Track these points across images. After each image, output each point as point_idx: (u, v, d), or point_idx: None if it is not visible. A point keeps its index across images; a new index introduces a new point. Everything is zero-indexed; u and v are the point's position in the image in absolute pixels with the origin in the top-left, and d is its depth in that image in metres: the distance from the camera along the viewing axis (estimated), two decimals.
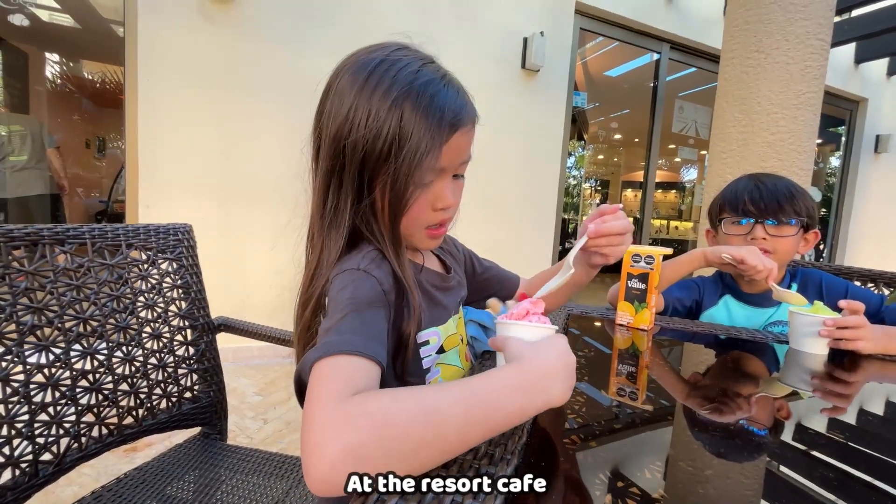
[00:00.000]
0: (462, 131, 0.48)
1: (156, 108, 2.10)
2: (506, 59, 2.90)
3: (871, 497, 0.37)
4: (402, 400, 0.32)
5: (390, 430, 0.30)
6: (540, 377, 0.36)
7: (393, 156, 0.44)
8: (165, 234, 0.87)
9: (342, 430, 0.29)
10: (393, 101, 0.44)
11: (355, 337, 0.39)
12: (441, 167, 0.48)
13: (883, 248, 5.06)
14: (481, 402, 0.33)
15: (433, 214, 0.50)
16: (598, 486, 0.36)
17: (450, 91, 0.47)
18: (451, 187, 0.50)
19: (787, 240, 0.89)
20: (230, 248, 2.32)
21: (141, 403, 0.78)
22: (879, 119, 4.71)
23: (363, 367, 0.37)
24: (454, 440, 0.32)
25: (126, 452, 1.47)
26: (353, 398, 0.32)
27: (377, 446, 0.29)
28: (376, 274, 0.45)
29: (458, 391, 0.33)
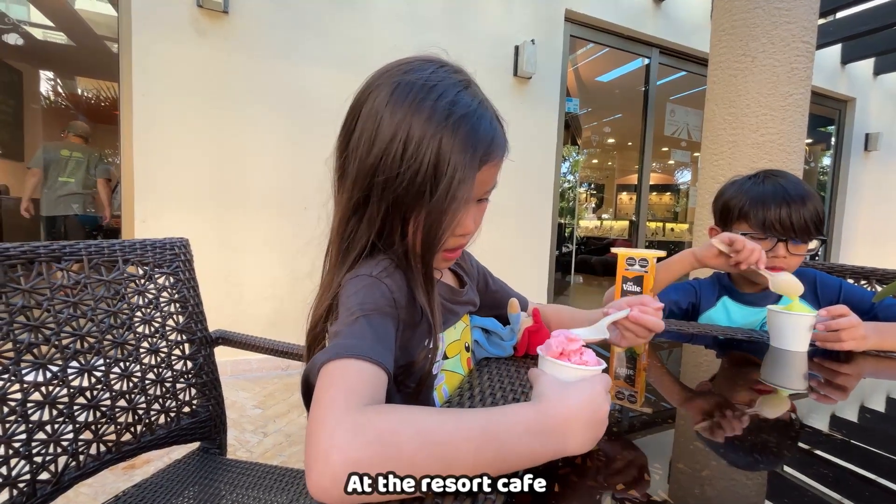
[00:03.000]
0: (492, 164, 0.48)
1: (151, 123, 2.11)
2: (498, 67, 2.94)
3: (866, 492, 0.37)
4: (412, 424, 0.31)
5: (397, 454, 0.29)
6: (559, 423, 0.34)
7: (428, 193, 0.43)
8: (162, 249, 0.87)
9: (349, 444, 0.29)
10: (431, 135, 0.43)
11: (364, 342, 0.38)
12: (472, 197, 0.48)
13: (876, 246, 5.10)
14: (493, 440, 0.32)
15: (452, 240, 0.50)
16: (597, 489, 0.36)
17: (483, 123, 0.46)
18: (474, 213, 0.51)
19: (800, 258, 0.89)
20: (227, 260, 2.32)
21: (139, 419, 0.78)
22: (868, 118, 4.78)
23: (372, 374, 0.36)
24: (459, 474, 0.31)
25: (124, 470, 1.45)
26: (364, 410, 0.32)
27: (381, 468, 0.29)
28: (388, 282, 0.45)
29: (472, 424, 0.32)
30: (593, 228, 7.90)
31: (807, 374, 0.68)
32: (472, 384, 0.52)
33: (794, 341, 0.75)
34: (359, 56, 2.45)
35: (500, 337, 0.64)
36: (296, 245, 2.39)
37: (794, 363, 0.72)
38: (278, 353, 0.94)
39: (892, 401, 0.61)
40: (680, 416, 0.53)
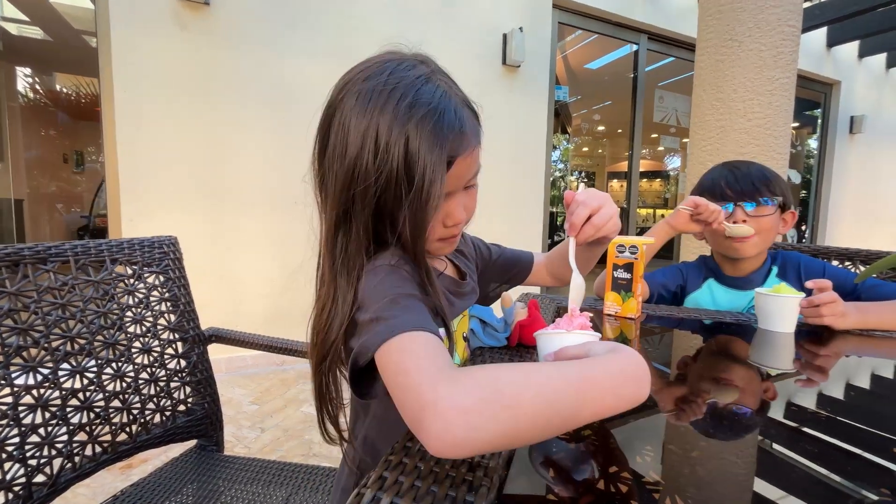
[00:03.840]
0: (463, 157, 0.48)
1: (134, 120, 2.07)
2: (486, 55, 2.91)
3: (849, 466, 0.39)
4: (510, 370, 0.33)
5: (500, 397, 0.30)
6: (646, 369, 0.36)
7: (404, 194, 0.44)
8: (150, 248, 0.86)
9: (455, 392, 0.30)
10: (396, 138, 0.43)
11: (410, 315, 0.40)
12: (447, 192, 0.49)
13: (861, 227, 5.20)
14: (595, 386, 0.33)
15: (445, 230, 0.52)
16: (590, 472, 0.37)
17: (448, 116, 0.46)
18: (463, 201, 0.52)
19: (766, 219, 0.93)
20: (219, 258, 2.30)
21: (134, 419, 0.77)
22: (853, 100, 4.83)
23: (435, 341, 0.37)
24: (562, 419, 0.31)
25: (122, 470, 1.45)
26: (456, 369, 0.33)
27: (489, 414, 0.29)
28: (407, 269, 0.47)
29: (569, 370, 0.34)
30: None
31: (794, 354, 0.70)
32: None
33: (781, 322, 0.77)
34: (347, 47, 2.41)
35: (494, 328, 0.64)
36: (289, 241, 2.37)
37: (782, 343, 0.74)
38: (272, 349, 0.94)
39: (875, 378, 0.63)
40: (670, 398, 0.54)
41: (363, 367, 0.41)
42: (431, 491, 0.29)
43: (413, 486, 0.30)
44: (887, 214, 5.45)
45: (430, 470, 0.30)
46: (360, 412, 0.58)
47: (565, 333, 0.44)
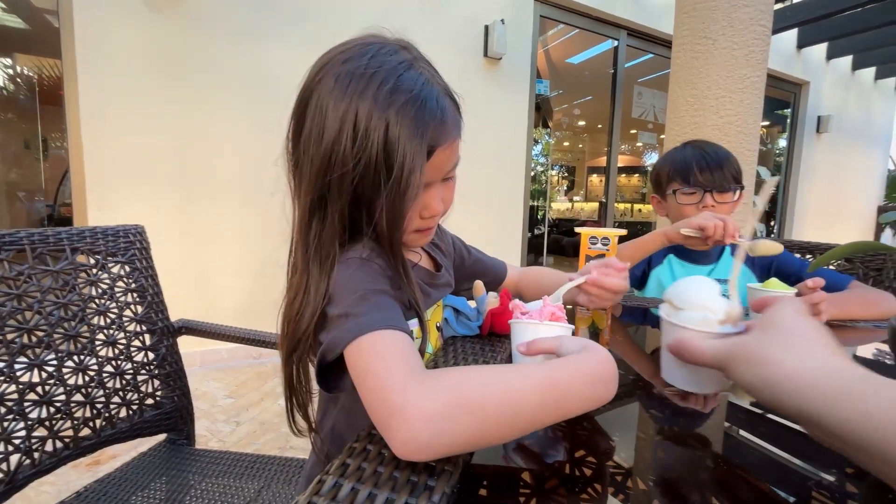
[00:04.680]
0: (443, 148, 0.47)
1: (100, 106, 1.98)
2: (468, 47, 2.90)
3: (807, 449, 0.41)
4: (478, 375, 0.33)
5: (467, 402, 0.31)
6: (614, 369, 0.36)
7: (383, 182, 0.43)
8: (115, 237, 0.83)
9: (423, 397, 0.31)
10: (376, 124, 0.42)
11: (381, 313, 0.40)
12: (426, 183, 0.48)
13: (825, 222, 5.43)
14: (556, 388, 0.33)
15: (422, 221, 0.51)
16: (558, 457, 0.38)
17: (430, 105, 0.44)
18: (441, 193, 0.51)
19: (728, 206, 0.99)
20: (193, 250, 2.24)
21: (98, 413, 0.75)
22: (820, 101, 5.01)
23: (404, 340, 0.38)
24: (527, 422, 0.32)
25: (89, 466, 1.41)
26: (425, 372, 0.34)
27: (458, 420, 0.30)
28: (379, 262, 0.46)
29: (535, 374, 0.34)
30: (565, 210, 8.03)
31: None
32: (438, 362, 0.53)
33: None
34: (327, 36, 2.33)
35: (467, 317, 0.65)
36: (264, 232, 2.32)
37: None
38: (245, 341, 0.93)
39: None
40: (639, 386, 0.56)
41: (331, 361, 0.40)
42: (394, 476, 0.30)
43: (375, 472, 0.30)
44: (849, 210, 5.71)
45: (394, 457, 0.30)
46: (328, 403, 0.57)
47: (538, 324, 0.44)
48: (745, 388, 0.34)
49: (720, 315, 0.41)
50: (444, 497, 0.28)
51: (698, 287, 0.44)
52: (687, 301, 0.44)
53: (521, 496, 0.32)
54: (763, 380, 0.32)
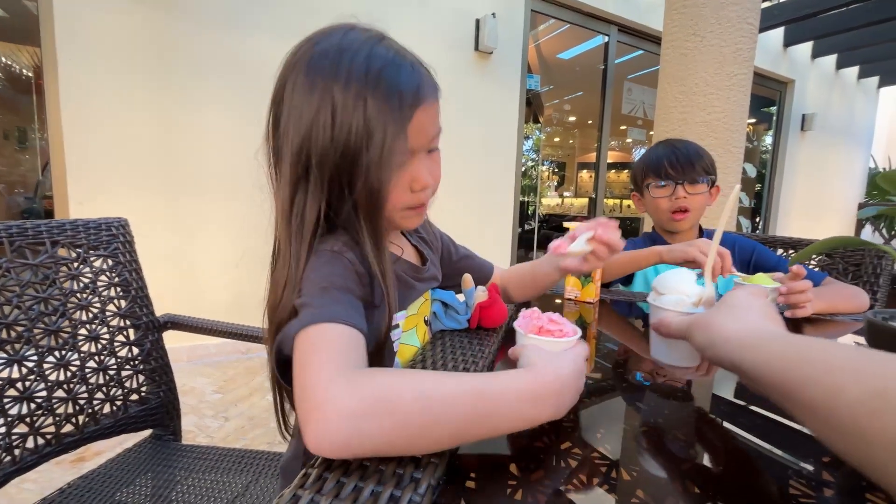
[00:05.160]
0: (424, 108, 0.46)
1: (82, 96, 1.93)
2: (459, 41, 2.88)
3: (785, 439, 0.42)
4: (409, 380, 0.32)
5: (392, 407, 0.30)
6: (553, 390, 0.35)
7: (364, 154, 0.43)
8: (97, 230, 0.81)
9: (345, 397, 0.30)
10: (353, 98, 0.42)
11: (338, 307, 0.40)
12: (410, 149, 0.47)
13: (808, 218, 5.54)
14: (486, 402, 0.33)
15: (412, 196, 0.50)
16: (545, 450, 0.38)
17: (404, 70, 0.46)
18: (427, 165, 0.50)
19: (700, 197, 1.03)
20: (179, 244, 2.20)
21: (81, 410, 0.74)
22: (805, 99, 5.09)
23: (352, 337, 0.38)
24: (451, 433, 0.32)
25: (73, 463, 1.39)
26: (355, 371, 0.33)
27: (376, 422, 0.30)
28: (349, 256, 0.46)
29: (467, 385, 0.33)
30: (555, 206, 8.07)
31: None
32: (426, 356, 0.53)
33: None
34: (312, 27, 2.31)
35: (455, 311, 0.65)
36: (252, 226, 2.29)
37: None
38: (232, 336, 0.92)
39: None
40: (626, 378, 0.57)
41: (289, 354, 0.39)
42: (379, 469, 0.30)
43: (361, 465, 0.30)
44: (831, 207, 5.83)
45: None
46: None
47: (550, 340, 0.44)
48: (699, 348, 0.42)
49: (693, 298, 0.51)
50: (430, 489, 0.28)
51: (678, 277, 0.54)
52: (668, 287, 0.52)
53: (508, 488, 0.32)
54: (709, 339, 0.40)
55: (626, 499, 0.31)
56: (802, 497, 0.32)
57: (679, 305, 0.50)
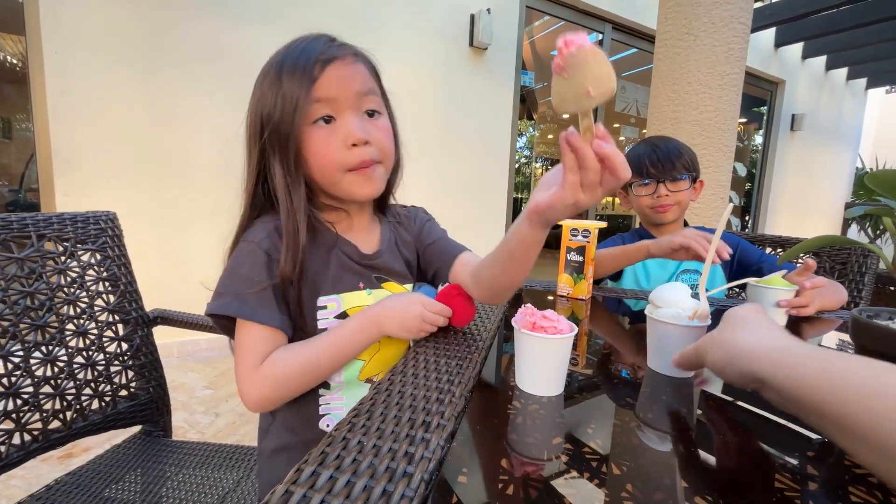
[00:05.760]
0: (337, 64, 0.51)
1: (69, 85, 1.89)
2: (454, 37, 2.86)
3: (773, 434, 0.42)
4: (290, 362, 0.51)
5: (286, 384, 0.52)
6: (374, 316, 0.54)
7: (282, 120, 0.51)
8: (85, 223, 0.80)
9: (255, 389, 0.51)
10: (274, 79, 0.51)
11: (250, 307, 0.51)
12: (325, 98, 0.51)
13: (796, 217, 5.62)
14: (339, 348, 0.53)
15: (349, 153, 0.53)
16: (538, 445, 0.39)
17: (320, 41, 0.53)
18: (360, 123, 0.53)
19: (682, 193, 1.04)
20: (169, 238, 2.17)
21: (69, 405, 0.73)
22: (795, 99, 5.15)
23: (259, 337, 0.51)
24: (329, 373, 0.55)
25: (60, 459, 1.37)
26: (260, 367, 0.50)
27: (277, 395, 0.52)
28: (266, 246, 0.53)
29: (326, 344, 0.53)
30: None
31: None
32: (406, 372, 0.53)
33: (771, 315, 0.74)
34: (308, 19, 2.29)
35: None
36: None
37: None
38: None
39: None
40: (616, 374, 0.57)
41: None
42: (372, 464, 0.30)
43: (354, 461, 0.30)
44: (818, 207, 5.92)
45: (373, 445, 0.31)
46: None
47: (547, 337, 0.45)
48: (716, 368, 0.41)
49: (689, 312, 0.52)
50: (423, 484, 0.28)
51: (673, 291, 0.55)
52: (664, 301, 0.54)
53: (500, 482, 0.32)
54: (726, 355, 0.39)
55: (616, 493, 0.32)
56: (788, 490, 0.32)
57: (676, 319, 0.51)
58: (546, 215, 0.43)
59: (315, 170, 0.54)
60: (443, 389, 0.43)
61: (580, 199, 0.39)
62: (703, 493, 0.32)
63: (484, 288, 0.59)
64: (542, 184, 0.44)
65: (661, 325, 0.52)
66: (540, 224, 0.45)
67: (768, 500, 0.31)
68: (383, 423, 0.36)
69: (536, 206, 0.42)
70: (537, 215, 0.43)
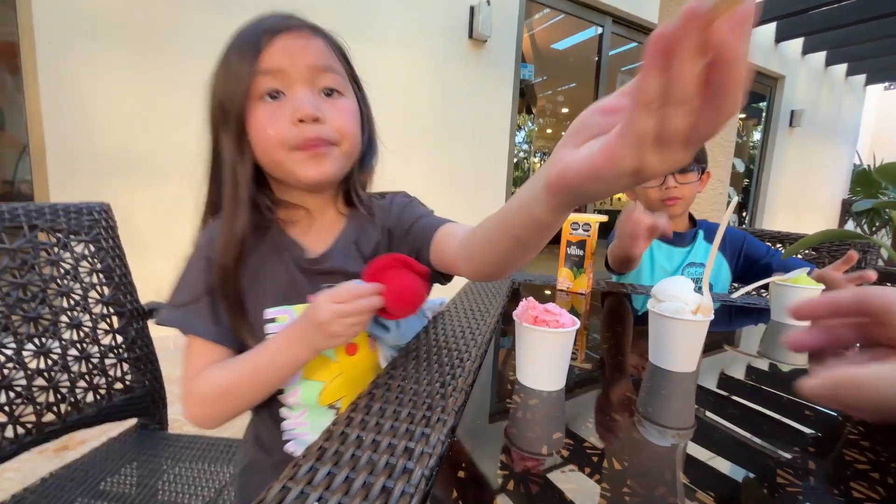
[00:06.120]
0: (287, 35, 0.48)
1: (61, 76, 1.86)
2: (453, 29, 2.83)
3: (766, 428, 0.42)
4: (213, 382, 0.48)
5: (211, 404, 0.49)
6: (293, 336, 0.47)
7: (227, 95, 0.48)
8: (78, 214, 0.78)
9: (188, 406, 0.50)
10: (228, 49, 0.49)
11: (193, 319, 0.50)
12: (271, 69, 0.47)
13: (795, 213, 5.64)
14: (262, 371, 0.48)
15: (294, 129, 0.47)
16: (538, 440, 0.38)
17: (278, 16, 0.50)
18: (311, 98, 0.48)
19: (690, 185, 1.03)
20: (164, 230, 2.15)
21: (63, 398, 0.72)
22: (794, 95, 5.14)
23: (199, 351, 0.50)
24: (257, 396, 0.50)
25: (56, 452, 1.37)
26: (194, 382, 0.49)
27: (210, 414, 0.50)
28: (207, 252, 0.51)
29: (247, 366, 0.48)
30: None
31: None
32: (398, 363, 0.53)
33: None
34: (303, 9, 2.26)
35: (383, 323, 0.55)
36: None
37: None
38: None
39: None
40: (614, 371, 0.57)
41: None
42: (371, 460, 0.29)
43: (353, 456, 0.29)
44: (815, 203, 5.94)
45: (373, 440, 0.30)
46: None
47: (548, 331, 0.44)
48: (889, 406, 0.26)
49: (692, 306, 0.51)
50: (423, 479, 0.28)
51: (676, 285, 0.54)
52: (667, 295, 0.53)
53: (500, 478, 0.32)
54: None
55: (617, 488, 0.31)
56: (789, 486, 0.32)
57: (679, 313, 0.50)
58: (578, 190, 0.26)
59: (258, 148, 0.48)
60: (443, 383, 0.43)
61: (648, 164, 0.22)
62: (704, 488, 0.31)
63: (477, 265, 0.47)
64: (571, 134, 0.27)
65: (663, 320, 0.51)
66: (563, 202, 0.29)
67: (770, 496, 0.31)
68: (382, 418, 0.35)
69: (563, 174, 0.26)
70: (563, 188, 0.27)
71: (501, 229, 0.38)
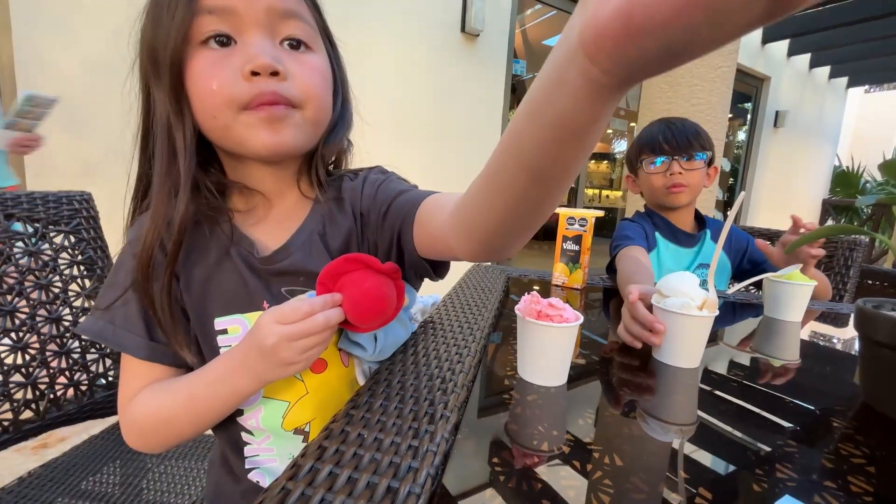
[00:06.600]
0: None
1: (38, 57, 1.78)
2: (445, 22, 2.80)
3: (750, 424, 0.42)
4: (146, 411, 0.42)
5: (146, 434, 0.44)
6: (236, 364, 0.39)
7: (158, 30, 0.38)
8: (57, 203, 0.75)
9: (128, 434, 0.44)
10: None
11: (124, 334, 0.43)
12: (218, 7, 0.37)
13: (779, 213, 5.76)
14: (201, 402, 0.41)
15: (247, 84, 0.38)
16: (536, 435, 0.37)
17: None
18: (269, 48, 0.39)
19: (697, 173, 1.00)
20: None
21: (42, 395, 0.69)
22: (779, 96, 5.24)
23: (132, 370, 0.44)
24: (202, 426, 0.43)
25: (34, 450, 1.32)
26: (129, 406, 0.43)
27: (148, 443, 0.44)
28: (136, 248, 0.41)
29: (182, 396, 0.41)
30: None
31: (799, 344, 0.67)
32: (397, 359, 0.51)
33: (790, 311, 0.73)
34: None
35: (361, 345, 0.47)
36: None
37: (789, 333, 0.70)
38: None
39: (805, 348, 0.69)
40: (616, 367, 0.57)
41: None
42: (375, 459, 0.28)
43: (355, 455, 0.28)
44: (797, 202, 6.08)
45: (375, 439, 0.29)
46: None
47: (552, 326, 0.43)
48: None
49: (698, 301, 0.50)
50: (429, 479, 0.27)
51: (681, 280, 0.52)
52: (672, 290, 0.52)
53: (502, 475, 0.31)
54: None
55: (620, 484, 0.31)
56: (788, 481, 0.32)
57: (684, 308, 0.50)
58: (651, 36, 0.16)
59: (199, 109, 0.39)
60: (444, 378, 0.42)
61: None
62: (706, 484, 0.31)
63: (477, 234, 0.33)
64: None
65: (668, 315, 0.51)
66: (611, 75, 0.19)
67: (769, 490, 0.31)
68: (384, 416, 0.34)
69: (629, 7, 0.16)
70: (623, 37, 0.17)
71: (509, 163, 0.27)
